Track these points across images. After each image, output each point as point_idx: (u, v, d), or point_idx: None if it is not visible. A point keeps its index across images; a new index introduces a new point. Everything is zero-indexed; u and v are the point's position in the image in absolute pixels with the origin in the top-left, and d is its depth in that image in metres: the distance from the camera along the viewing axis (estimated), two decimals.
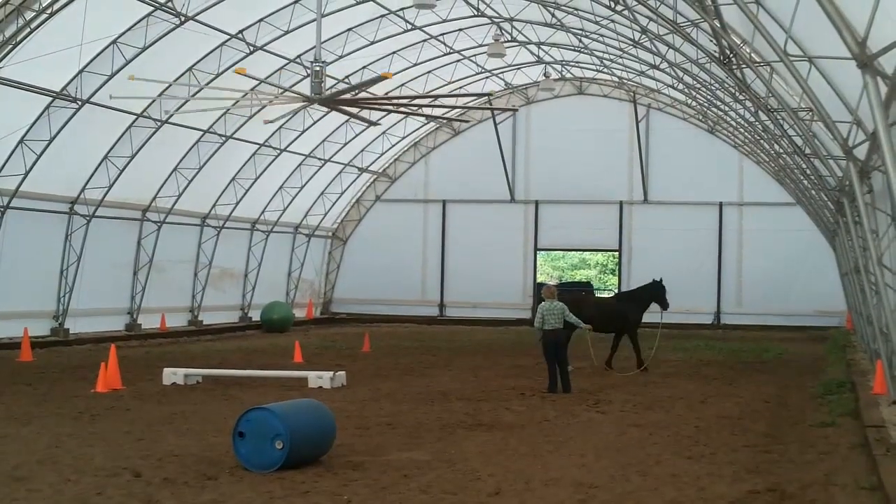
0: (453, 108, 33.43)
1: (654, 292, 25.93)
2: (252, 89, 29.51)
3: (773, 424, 16.59)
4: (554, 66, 41.66)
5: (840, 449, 14.04)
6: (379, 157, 45.78)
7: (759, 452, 13.83)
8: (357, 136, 41.72)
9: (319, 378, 20.61)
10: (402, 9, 32.20)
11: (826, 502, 10.84)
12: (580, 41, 35.08)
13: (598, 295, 48.22)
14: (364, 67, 36.01)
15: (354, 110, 24.39)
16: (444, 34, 35.96)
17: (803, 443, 14.63)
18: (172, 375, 21.04)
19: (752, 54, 18.98)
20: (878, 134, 10.59)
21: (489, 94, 30.74)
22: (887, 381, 17.84)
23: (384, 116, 38.29)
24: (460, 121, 42.41)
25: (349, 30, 32.75)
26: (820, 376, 23.53)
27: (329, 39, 31.10)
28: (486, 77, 42.48)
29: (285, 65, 32.70)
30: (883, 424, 14.80)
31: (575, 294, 27.03)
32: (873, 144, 13.72)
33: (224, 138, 34.69)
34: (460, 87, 41.40)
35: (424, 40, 36.03)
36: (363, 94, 22.14)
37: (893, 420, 15.18)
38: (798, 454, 13.70)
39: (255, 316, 40.44)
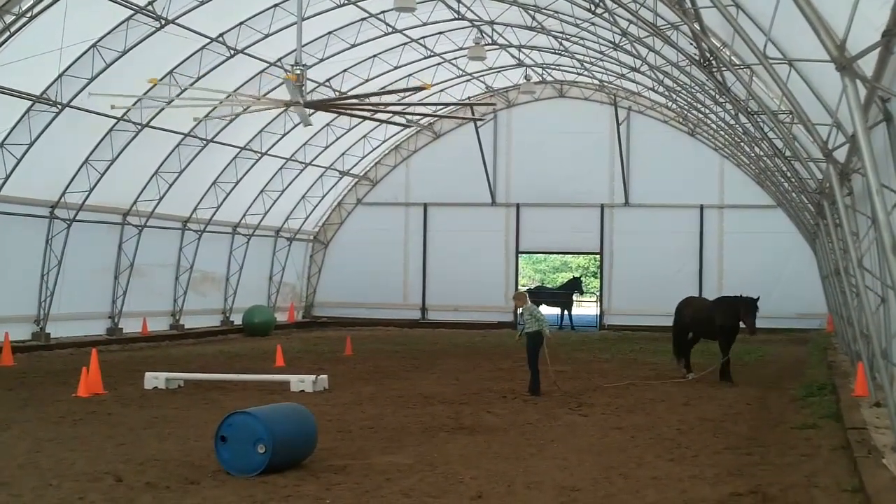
0: (434, 104, 33.43)
1: (746, 306, 23.39)
2: (233, 92, 29.46)
3: (755, 427, 16.65)
4: (534, 69, 41.69)
5: (821, 451, 14.10)
6: (360, 161, 45.75)
7: (741, 455, 13.89)
8: (338, 139, 41.68)
9: (301, 382, 20.59)
10: (382, 12, 32.18)
11: None
12: (560, 44, 35.15)
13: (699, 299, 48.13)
14: (345, 71, 36.01)
15: (367, 113, 24.20)
16: (424, 37, 35.95)
17: (785, 445, 14.69)
18: (154, 380, 21.00)
19: (732, 57, 19.02)
20: (858, 136, 10.63)
21: (472, 105, 30.73)
22: (868, 383, 17.92)
23: (360, 123, 38.31)
24: (440, 117, 42.36)
25: (329, 33, 32.70)
26: (801, 378, 23.63)
27: (309, 43, 31.06)
28: (467, 80, 42.50)
29: (266, 68, 32.64)
30: (864, 426, 14.86)
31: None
32: (853, 147, 13.78)
33: (205, 142, 34.61)
34: (441, 91, 41.43)
35: (405, 43, 36.02)
36: (340, 98, 22.14)
37: (875, 422, 15.24)
38: (779, 456, 13.75)
39: (237, 320, 40.35)
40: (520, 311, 21.08)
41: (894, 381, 14.54)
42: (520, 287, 47.04)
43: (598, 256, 47.00)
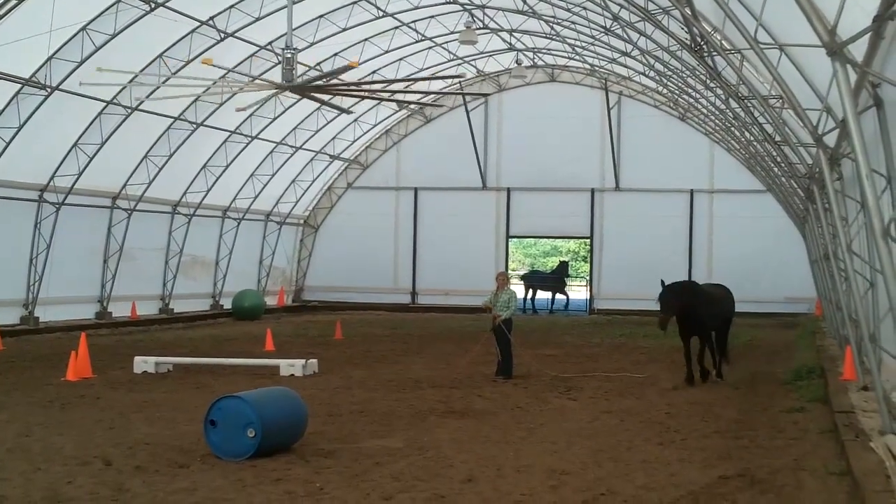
0: (426, 93, 33.40)
1: None
2: (223, 76, 29.37)
3: (744, 410, 16.71)
4: (525, 53, 41.66)
5: (809, 434, 14.16)
6: (350, 145, 45.68)
7: (730, 438, 13.93)
8: (329, 123, 41.60)
9: (291, 366, 20.60)
10: None
11: (795, 487, 10.93)
12: (552, 28, 35.08)
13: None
14: (336, 55, 35.86)
15: (326, 97, 24.32)
16: (415, 21, 35.87)
17: (773, 428, 14.74)
18: (143, 364, 20.98)
19: (723, 42, 19.01)
20: (848, 121, 10.65)
21: (459, 77, 30.55)
22: (856, 367, 17.98)
23: (356, 104, 38.20)
24: (434, 105, 42.37)
25: (321, 16, 32.59)
26: (790, 362, 23.69)
27: (300, 26, 30.96)
28: (458, 64, 42.41)
29: (256, 51, 32.54)
30: (852, 410, 14.91)
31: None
32: (843, 132, 13.80)
33: (195, 125, 34.50)
34: (432, 75, 41.35)
35: (396, 27, 35.94)
36: (334, 81, 22.10)
37: (862, 406, 15.29)
38: (768, 440, 13.80)
39: (227, 304, 40.30)
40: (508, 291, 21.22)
41: (882, 364, 14.62)
42: (510, 271, 47.00)
43: (588, 241, 47.02)
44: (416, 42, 37.89)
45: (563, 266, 48.76)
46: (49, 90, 27.50)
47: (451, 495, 10.48)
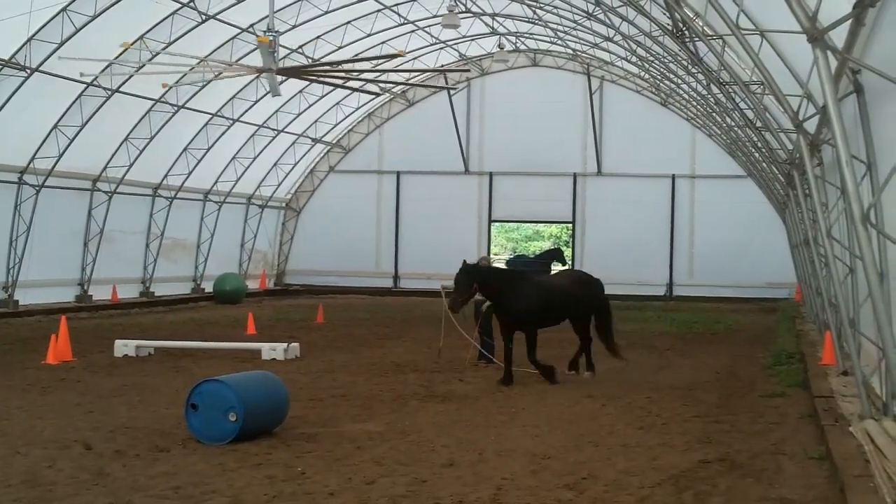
0: (407, 71, 33.30)
1: None
2: (205, 58, 29.22)
3: (724, 395, 16.77)
4: (508, 37, 41.60)
5: (789, 419, 14.22)
6: (333, 128, 45.59)
7: (710, 423, 13.99)
8: (311, 106, 41.50)
9: (273, 350, 20.57)
10: None
11: (775, 472, 10.98)
12: (534, 13, 35.05)
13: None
14: (318, 38, 35.77)
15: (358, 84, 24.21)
16: (397, 4, 35.75)
17: (753, 413, 14.81)
18: (124, 347, 20.92)
19: (705, 27, 19.03)
20: (828, 108, 10.66)
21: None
22: (836, 352, 18.06)
23: (333, 90, 38.09)
24: (413, 85, 42.23)
25: None
26: (770, 347, 23.78)
27: (282, 9, 30.82)
28: (441, 48, 42.35)
29: (238, 34, 32.40)
30: (831, 395, 14.98)
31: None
32: (823, 118, 13.84)
33: (176, 108, 34.35)
34: (414, 59, 41.28)
35: (378, 11, 35.80)
36: (313, 65, 22.05)
37: (842, 390, 15.36)
38: (748, 424, 13.87)
39: (208, 287, 40.23)
40: None
41: (861, 349, 14.69)
42: (492, 255, 46.97)
43: (570, 225, 47.09)
44: (399, 25, 37.76)
45: (555, 252, 47.99)
46: (29, 71, 27.32)
47: (432, 479, 10.49)
